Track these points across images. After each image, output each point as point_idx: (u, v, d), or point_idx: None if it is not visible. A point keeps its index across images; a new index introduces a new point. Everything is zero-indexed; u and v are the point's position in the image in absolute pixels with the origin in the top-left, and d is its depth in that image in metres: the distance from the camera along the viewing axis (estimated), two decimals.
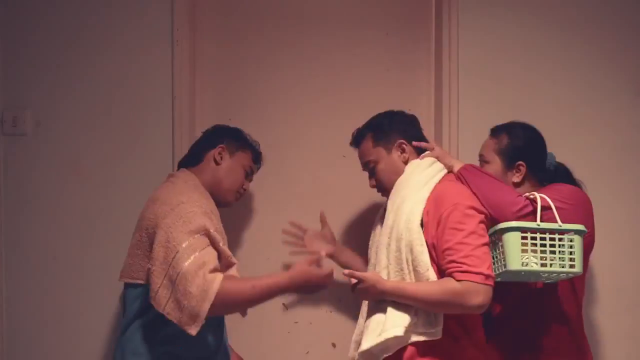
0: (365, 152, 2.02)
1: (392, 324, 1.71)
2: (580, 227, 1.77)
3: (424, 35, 2.58)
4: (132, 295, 1.90)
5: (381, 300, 1.78)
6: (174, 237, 1.76)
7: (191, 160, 2.05)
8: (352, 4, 2.57)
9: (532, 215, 1.77)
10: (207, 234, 1.79)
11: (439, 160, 1.94)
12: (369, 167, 2.00)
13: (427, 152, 1.98)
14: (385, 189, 1.97)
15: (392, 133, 1.97)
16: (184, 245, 1.74)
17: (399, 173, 1.93)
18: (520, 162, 1.96)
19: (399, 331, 1.69)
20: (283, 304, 2.46)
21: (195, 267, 1.72)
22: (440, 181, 1.86)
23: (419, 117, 2.13)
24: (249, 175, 2.12)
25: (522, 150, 1.97)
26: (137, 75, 2.36)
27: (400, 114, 2.04)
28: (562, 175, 2.04)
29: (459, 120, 2.42)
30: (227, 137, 2.07)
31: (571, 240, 1.75)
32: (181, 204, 1.81)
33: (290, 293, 1.93)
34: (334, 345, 2.44)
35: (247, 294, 1.77)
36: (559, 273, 1.76)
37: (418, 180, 1.84)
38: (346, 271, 1.79)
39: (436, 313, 1.72)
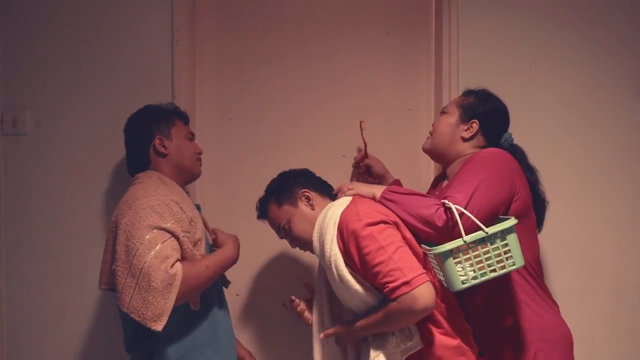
0: (275, 218, 2.01)
1: (374, 354, 1.75)
2: (508, 223, 1.68)
3: (424, 35, 2.59)
4: None
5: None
6: (133, 234, 1.75)
7: (141, 165, 2.00)
8: (352, 4, 2.57)
9: (449, 217, 1.72)
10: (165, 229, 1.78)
11: (359, 195, 1.90)
12: (285, 229, 1.99)
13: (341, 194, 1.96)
14: (306, 242, 1.95)
15: (292, 188, 1.99)
16: (143, 241, 1.73)
17: (312, 221, 1.91)
18: (475, 120, 1.98)
19: (381, 357, 1.73)
20: (283, 304, 2.46)
21: (158, 262, 1.71)
22: (342, 210, 1.81)
23: (419, 117, 2.13)
24: (193, 137, 2.09)
25: (482, 111, 2.00)
26: (137, 75, 2.36)
27: (292, 172, 2.07)
28: (517, 154, 2.00)
29: None
30: (153, 124, 2.00)
31: (503, 240, 1.69)
32: (137, 200, 1.80)
33: (236, 253, 1.98)
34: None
35: (204, 275, 1.82)
36: (503, 274, 1.71)
37: (327, 223, 1.81)
38: (321, 335, 1.88)
39: (409, 326, 1.74)
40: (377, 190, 1.88)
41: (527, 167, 2.00)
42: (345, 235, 1.73)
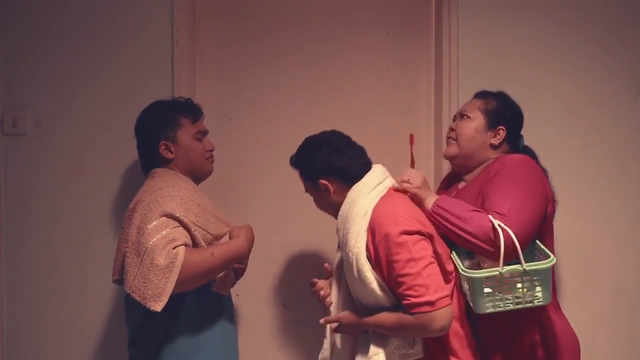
0: (301, 181, 1.95)
1: (374, 351, 1.73)
2: (546, 263, 1.66)
3: (424, 35, 2.59)
4: None
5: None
6: (147, 216, 1.76)
7: (153, 164, 2.00)
8: (352, 5, 2.57)
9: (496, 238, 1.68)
10: (178, 219, 1.78)
11: (411, 193, 1.83)
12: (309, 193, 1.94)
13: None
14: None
15: (313, 174, 1.87)
16: (154, 223, 1.75)
17: (333, 205, 1.84)
18: (502, 127, 1.97)
19: (381, 357, 1.71)
20: (283, 304, 2.46)
21: (164, 242, 1.72)
22: (375, 206, 1.74)
23: (419, 117, 2.12)
24: (203, 136, 2.06)
25: (509, 117, 1.98)
26: (137, 75, 2.36)
27: (318, 150, 1.87)
28: (529, 155, 2.00)
29: None
30: (158, 127, 1.98)
31: (537, 276, 1.67)
32: (159, 189, 1.83)
33: (245, 246, 1.92)
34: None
35: (208, 262, 1.79)
36: (527, 307, 1.71)
37: (357, 212, 1.74)
38: (321, 320, 1.84)
39: None
40: (431, 199, 1.81)
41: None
42: (377, 236, 1.68)
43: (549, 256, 1.70)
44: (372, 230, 1.71)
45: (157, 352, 1.87)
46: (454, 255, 1.78)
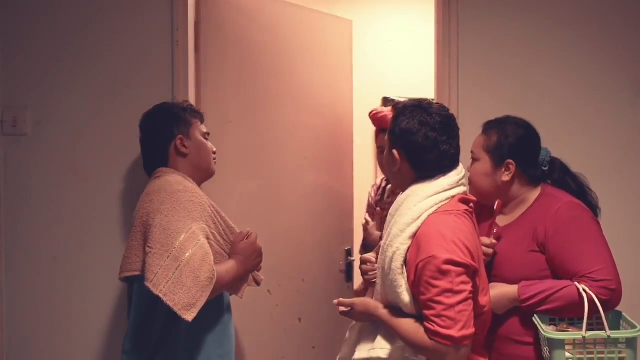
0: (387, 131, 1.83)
1: (380, 345, 1.70)
2: (632, 333, 1.67)
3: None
4: (140, 287, 1.85)
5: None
6: (176, 220, 1.77)
7: (159, 163, 2.00)
8: None
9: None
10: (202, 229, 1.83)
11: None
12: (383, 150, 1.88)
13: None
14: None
15: (408, 139, 1.71)
16: (189, 229, 1.77)
17: (401, 178, 1.75)
18: (510, 161, 1.90)
19: (384, 353, 1.68)
20: (268, 290, 2.46)
21: (203, 254, 1.76)
22: (432, 214, 1.66)
23: None
24: (208, 137, 2.09)
25: (511, 148, 1.90)
26: (137, 75, 2.36)
27: (415, 125, 1.70)
28: (557, 170, 1.98)
29: (459, 120, 2.39)
30: (173, 122, 2.01)
31: (621, 346, 1.66)
32: (178, 192, 1.84)
33: (243, 272, 1.97)
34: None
35: (226, 279, 1.86)
36: None
37: (413, 213, 1.66)
38: (335, 301, 1.80)
39: None
40: (514, 293, 1.82)
41: (571, 178, 1.98)
42: (422, 252, 1.60)
43: (635, 327, 1.71)
44: (418, 242, 1.63)
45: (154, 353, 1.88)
46: (536, 319, 1.77)
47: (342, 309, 1.78)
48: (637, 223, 2.48)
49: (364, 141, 3.42)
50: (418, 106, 1.72)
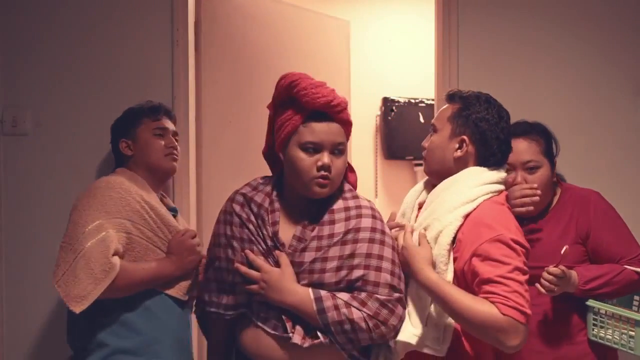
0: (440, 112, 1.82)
1: (408, 329, 1.62)
2: None
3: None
4: None
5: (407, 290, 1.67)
6: (87, 214, 1.80)
7: (117, 163, 2.07)
8: None
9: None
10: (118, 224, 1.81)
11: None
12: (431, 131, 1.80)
13: None
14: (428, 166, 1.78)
15: (468, 119, 1.71)
16: (94, 223, 1.77)
17: (442, 158, 1.72)
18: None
19: (413, 340, 1.60)
20: None
21: (102, 247, 1.75)
22: (486, 200, 1.65)
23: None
24: (165, 133, 2.05)
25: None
26: (137, 75, 2.36)
27: (483, 108, 1.72)
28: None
29: None
30: (119, 127, 2.08)
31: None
32: (99, 188, 1.86)
33: (175, 271, 1.89)
34: None
35: (138, 276, 1.82)
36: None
37: (468, 195, 1.64)
38: (392, 223, 1.78)
39: (446, 331, 1.61)
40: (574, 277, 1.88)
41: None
42: (488, 232, 1.57)
43: None
44: (476, 222, 1.60)
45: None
46: (595, 303, 1.89)
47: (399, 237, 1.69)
48: (638, 223, 2.48)
49: (362, 141, 3.43)
50: (489, 99, 1.74)
